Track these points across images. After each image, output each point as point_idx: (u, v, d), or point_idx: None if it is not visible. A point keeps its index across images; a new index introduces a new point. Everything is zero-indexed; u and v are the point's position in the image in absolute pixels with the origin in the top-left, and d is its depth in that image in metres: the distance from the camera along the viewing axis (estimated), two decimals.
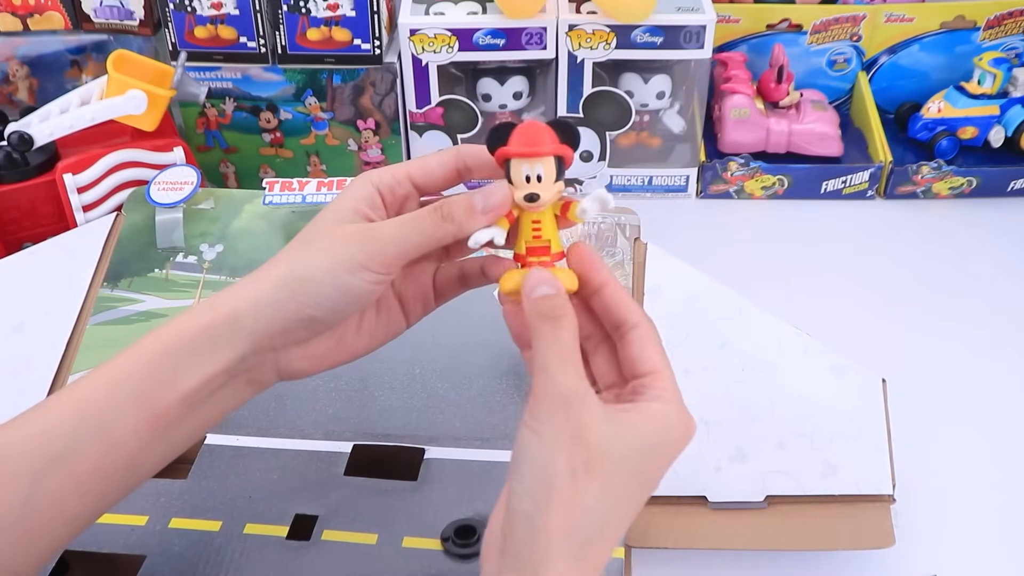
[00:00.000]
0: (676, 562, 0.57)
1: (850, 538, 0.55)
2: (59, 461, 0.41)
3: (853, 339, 0.68)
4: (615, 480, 0.39)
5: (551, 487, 0.38)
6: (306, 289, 0.43)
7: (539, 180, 0.42)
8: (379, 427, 0.61)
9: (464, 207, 0.43)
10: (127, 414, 0.42)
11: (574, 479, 0.38)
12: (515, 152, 0.42)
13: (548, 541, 0.37)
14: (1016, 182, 0.89)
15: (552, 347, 0.40)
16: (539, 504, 0.38)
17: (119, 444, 0.42)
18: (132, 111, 0.78)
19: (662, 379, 0.42)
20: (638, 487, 0.40)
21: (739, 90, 0.91)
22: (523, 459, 0.39)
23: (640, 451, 0.40)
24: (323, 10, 0.84)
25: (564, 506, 0.38)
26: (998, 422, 0.68)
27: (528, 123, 0.43)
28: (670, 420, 0.41)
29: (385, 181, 0.45)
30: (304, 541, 0.54)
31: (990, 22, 0.93)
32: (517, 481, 0.39)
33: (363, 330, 0.48)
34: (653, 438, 0.40)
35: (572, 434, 0.38)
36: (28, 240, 0.79)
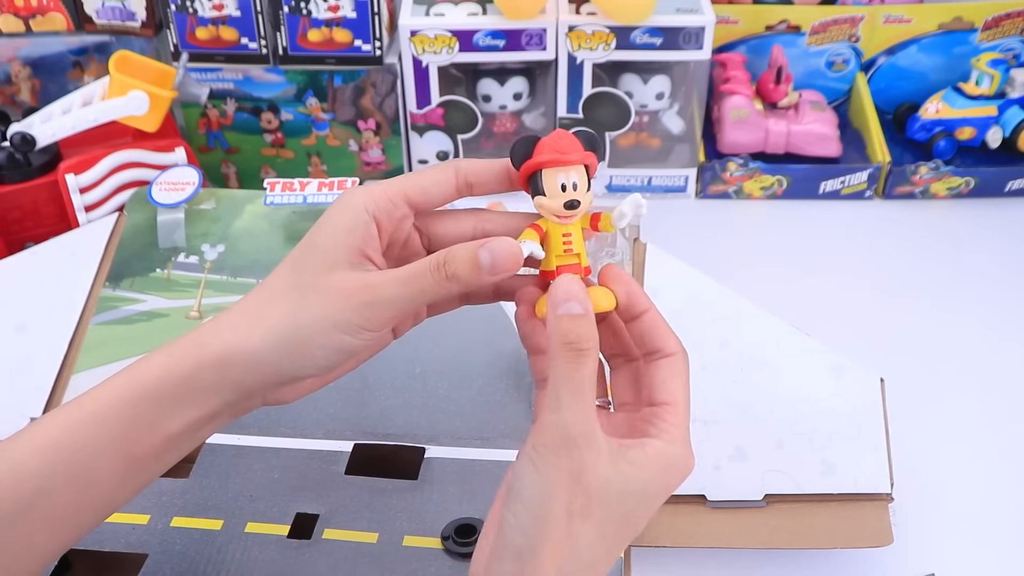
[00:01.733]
0: (675, 561, 0.57)
1: (848, 537, 0.56)
2: (32, 503, 0.40)
3: (852, 339, 0.68)
4: (610, 523, 0.38)
5: (545, 526, 0.37)
6: (303, 351, 0.41)
7: (575, 188, 0.42)
8: (380, 426, 0.62)
9: (469, 266, 0.40)
10: (104, 456, 0.41)
11: (569, 522, 0.37)
12: (549, 161, 0.42)
13: None
14: (1014, 182, 0.90)
15: (569, 382, 0.38)
16: (531, 541, 0.37)
17: (95, 483, 0.41)
18: (134, 112, 0.78)
19: (675, 413, 0.41)
20: (628, 527, 0.40)
21: (738, 91, 0.91)
22: (519, 491, 0.38)
23: (637, 496, 0.39)
24: (324, 11, 0.84)
25: (556, 547, 0.37)
26: (996, 421, 0.68)
27: (556, 133, 0.42)
28: (672, 461, 0.40)
29: (381, 207, 0.42)
30: (305, 540, 0.55)
31: (988, 23, 0.93)
32: (512, 513, 0.38)
33: None
34: (651, 484, 0.39)
35: (573, 476, 0.37)
36: (30, 240, 0.79)
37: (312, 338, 0.41)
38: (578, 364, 0.38)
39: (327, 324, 0.41)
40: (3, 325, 0.68)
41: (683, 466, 0.40)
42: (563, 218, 0.42)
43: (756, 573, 0.57)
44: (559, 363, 0.38)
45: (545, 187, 0.42)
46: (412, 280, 0.41)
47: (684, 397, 0.42)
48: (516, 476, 0.38)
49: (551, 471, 0.37)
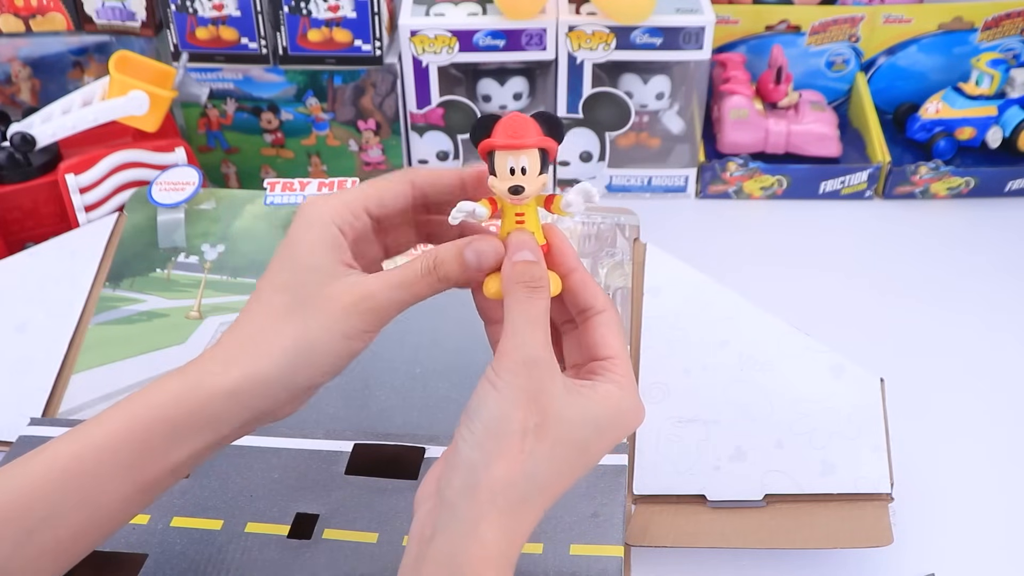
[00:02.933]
0: (675, 561, 0.57)
1: (848, 537, 0.56)
2: (40, 527, 0.41)
3: (851, 339, 0.68)
4: (562, 447, 0.40)
5: (500, 442, 0.39)
6: (316, 362, 0.43)
7: (523, 172, 0.42)
8: (380, 426, 0.62)
9: (458, 266, 0.43)
10: (114, 482, 0.42)
11: (523, 439, 0.39)
12: (499, 144, 0.42)
13: (487, 493, 0.39)
14: (1013, 182, 0.90)
15: (524, 313, 0.41)
16: (485, 456, 0.39)
17: (103, 508, 0.42)
18: (134, 112, 0.78)
19: (619, 364, 0.43)
20: (581, 460, 0.42)
21: (738, 91, 0.91)
22: (478, 411, 0.40)
23: (591, 425, 0.41)
24: (324, 11, 0.84)
25: (509, 462, 0.39)
26: (996, 421, 0.68)
27: (512, 115, 0.43)
28: (623, 403, 0.43)
29: (345, 219, 0.44)
30: (305, 540, 0.55)
31: (988, 23, 0.93)
32: (468, 431, 0.40)
33: None
34: (604, 417, 0.42)
35: (530, 395, 0.40)
36: (30, 240, 0.79)
37: (323, 351, 0.43)
38: (532, 299, 0.41)
39: (336, 334, 0.43)
40: (3, 325, 0.68)
41: (635, 411, 0.43)
42: (512, 199, 0.43)
43: (756, 573, 0.57)
44: (515, 300, 0.41)
45: (496, 168, 0.43)
46: (407, 284, 0.43)
47: (624, 349, 0.44)
48: (475, 396, 0.41)
49: (510, 390, 0.40)
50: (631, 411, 0.43)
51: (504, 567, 0.39)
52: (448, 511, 0.39)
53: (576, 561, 0.53)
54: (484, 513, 0.39)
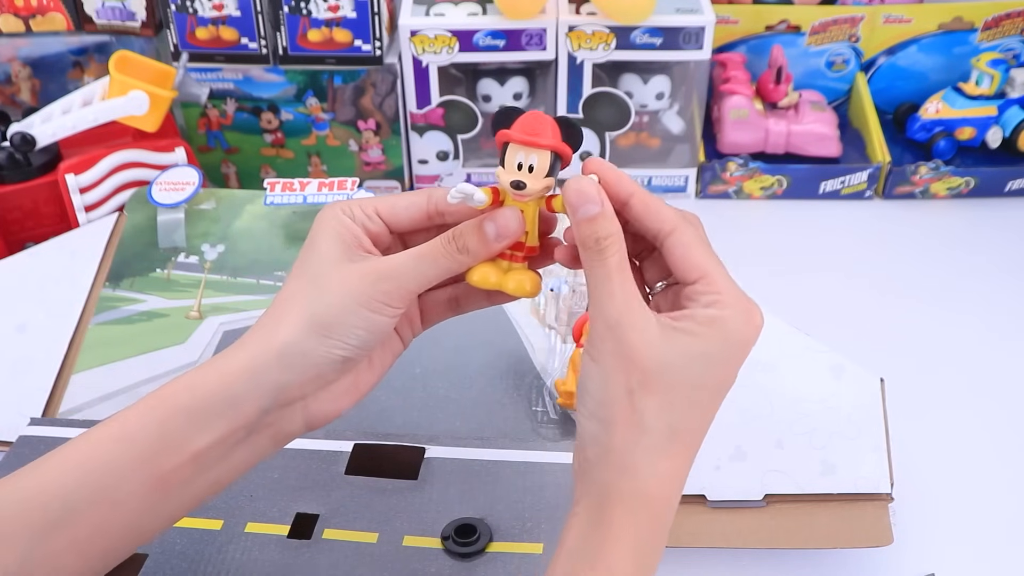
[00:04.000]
0: (675, 560, 0.57)
1: (848, 537, 0.56)
2: (57, 524, 0.40)
3: (851, 339, 0.68)
4: (675, 393, 0.40)
5: (610, 409, 0.39)
6: (335, 332, 0.42)
7: (530, 170, 0.42)
8: (380, 426, 0.62)
9: (478, 238, 0.43)
10: (131, 475, 0.41)
11: (631, 398, 0.39)
12: (514, 138, 0.42)
13: (615, 457, 0.39)
14: (1013, 182, 0.90)
15: (598, 276, 0.40)
16: (602, 425, 0.40)
17: (121, 505, 0.41)
18: (134, 112, 0.78)
19: (713, 281, 0.41)
20: (704, 395, 0.41)
21: (738, 91, 0.91)
22: (585, 386, 0.41)
23: (698, 360, 0.40)
24: (324, 11, 0.84)
25: (624, 424, 0.39)
26: (996, 421, 0.68)
27: (535, 113, 0.43)
28: (727, 324, 0.40)
29: (359, 216, 0.44)
30: (305, 540, 0.55)
31: (988, 23, 0.93)
32: (583, 406, 0.41)
33: (374, 363, 0.47)
34: (710, 346, 0.40)
35: (624, 356, 0.39)
36: (30, 240, 0.79)
37: (338, 318, 0.42)
38: (603, 257, 0.40)
39: (350, 302, 0.42)
40: (3, 325, 0.68)
41: (746, 321, 0.41)
42: (515, 195, 0.43)
43: (756, 573, 0.57)
44: (588, 264, 0.41)
45: (506, 160, 0.43)
46: (426, 255, 0.43)
47: (712, 262, 0.41)
48: (581, 375, 0.41)
49: (605, 357, 0.40)
50: (741, 325, 0.40)
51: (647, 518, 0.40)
52: (585, 479, 0.40)
53: None
54: (622, 471, 0.39)
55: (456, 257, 0.43)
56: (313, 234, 0.44)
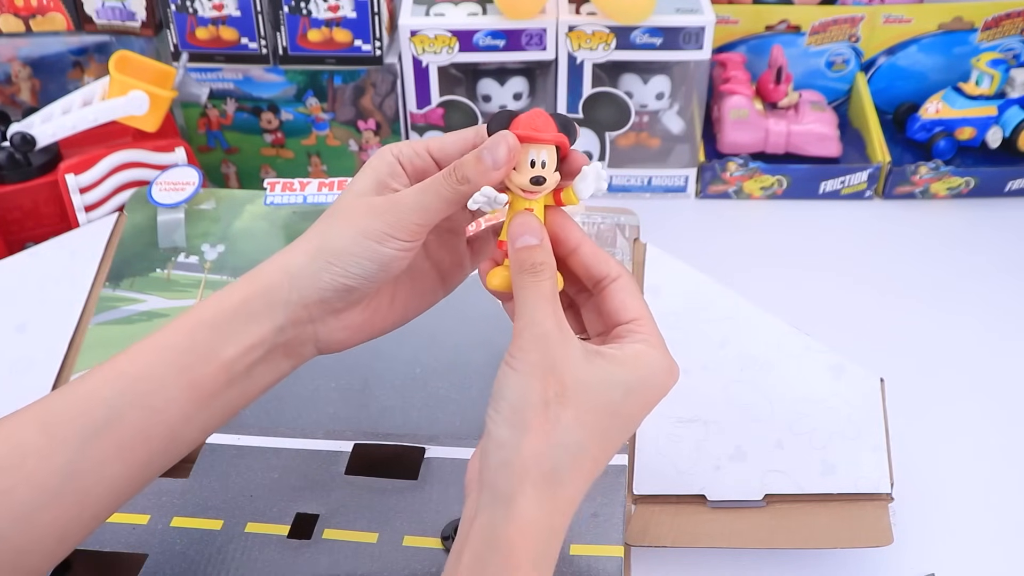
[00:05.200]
0: (675, 561, 0.57)
1: (848, 537, 0.56)
2: (103, 428, 0.42)
3: (851, 339, 0.68)
4: (589, 412, 0.41)
5: (524, 415, 0.40)
6: (338, 260, 0.44)
7: (543, 166, 0.43)
8: (380, 426, 0.62)
9: (475, 167, 0.43)
10: (167, 383, 0.43)
11: (547, 408, 0.40)
12: (523, 137, 0.43)
13: (520, 467, 0.40)
14: (1013, 182, 0.90)
15: (532, 292, 0.42)
16: (514, 432, 0.40)
17: (160, 412, 0.43)
18: (134, 112, 0.78)
19: (645, 324, 0.44)
20: (614, 424, 0.42)
21: (738, 91, 0.91)
22: (501, 392, 0.41)
23: (617, 387, 0.41)
24: (324, 11, 0.84)
25: (536, 433, 0.40)
26: (996, 421, 0.68)
27: (535, 111, 0.44)
28: (652, 361, 0.43)
29: (405, 153, 0.46)
30: (305, 540, 0.55)
31: (988, 23, 0.93)
32: (495, 411, 0.41)
33: (397, 301, 0.49)
34: (631, 376, 0.42)
35: (547, 367, 0.40)
36: (30, 240, 0.79)
37: (344, 246, 0.44)
38: (537, 280, 0.42)
39: (355, 231, 0.44)
40: (3, 325, 0.68)
41: (666, 369, 0.43)
42: (528, 193, 0.44)
43: (756, 573, 0.57)
44: (522, 284, 0.42)
45: (520, 161, 0.44)
46: (428, 187, 0.44)
47: (646, 310, 0.45)
48: (497, 381, 0.41)
49: (526, 366, 0.41)
50: (663, 370, 0.43)
51: (544, 536, 0.40)
52: (488, 490, 0.40)
53: (576, 561, 0.53)
54: (520, 486, 0.39)
55: (456, 188, 0.44)
56: (359, 171, 0.47)
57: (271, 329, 0.44)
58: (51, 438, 0.41)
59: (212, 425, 0.45)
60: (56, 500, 0.41)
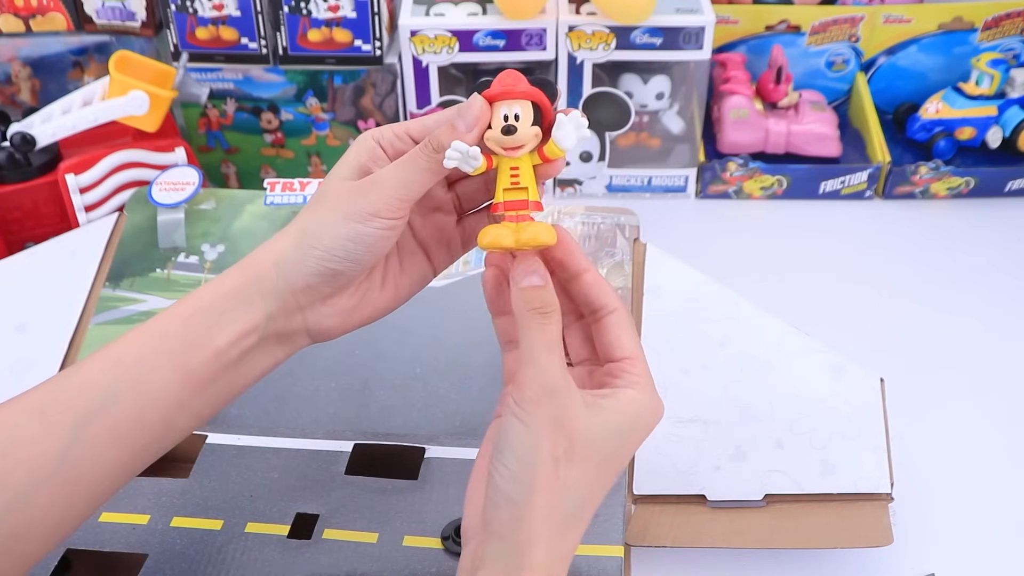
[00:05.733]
0: (675, 560, 0.57)
1: (848, 537, 0.56)
2: (98, 413, 0.42)
3: (851, 339, 0.68)
4: (592, 466, 0.42)
5: (535, 472, 0.40)
6: (320, 243, 0.44)
7: (516, 119, 0.44)
8: (380, 426, 0.62)
9: (447, 132, 0.44)
10: (162, 369, 0.43)
11: (556, 466, 0.41)
12: (493, 94, 0.44)
13: (532, 523, 0.40)
14: (1013, 182, 0.90)
15: (539, 340, 0.42)
16: (524, 488, 0.40)
17: (155, 398, 0.43)
18: (134, 112, 0.78)
19: (636, 364, 0.45)
20: (611, 470, 0.43)
21: (738, 91, 0.91)
22: (508, 444, 0.41)
23: (613, 437, 0.43)
24: (324, 11, 0.84)
25: (547, 491, 0.40)
26: (996, 421, 0.68)
27: (508, 71, 0.45)
28: (643, 407, 0.44)
29: (385, 136, 0.47)
30: (305, 540, 0.55)
31: (988, 23, 0.93)
32: (503, 465, 0.41)
33: (387, 283, 0.49)
34: (625, 423, 0.43)
35: (555, 423, 0.41)
36: (30, 240, 0.79)
37: (326, 229, 0.44)
38: (544, 325, 0.42)
39: (337, 215, 0.44)
40: (3, 325, 0.68)
41: (654, 410, 0.44)
42: (508, 150, 0.44)
43: (756, 573, 0.57)
44: (529, 326, 0.42)
45: (492, 119, 0.44)
46: (406, 161, 0.45)
47: (638, 348, 0.46)
48: (503, 431, 0.41)
49: (535, 421, 0.41)
50: (650, 412, 0.44)
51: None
52: (497, 541, 0.41)
53: (576, 561, 0.53)
54: (533, 541, 0.40)
55: (433, 156, 0.44)
56: (342, 156, 0.47)
57: (262, 317, 0.45)
58: (46, 424, 0.41)
59: (206, 412, 0.45)
60: (51, 485, 0.41)
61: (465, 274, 0.70)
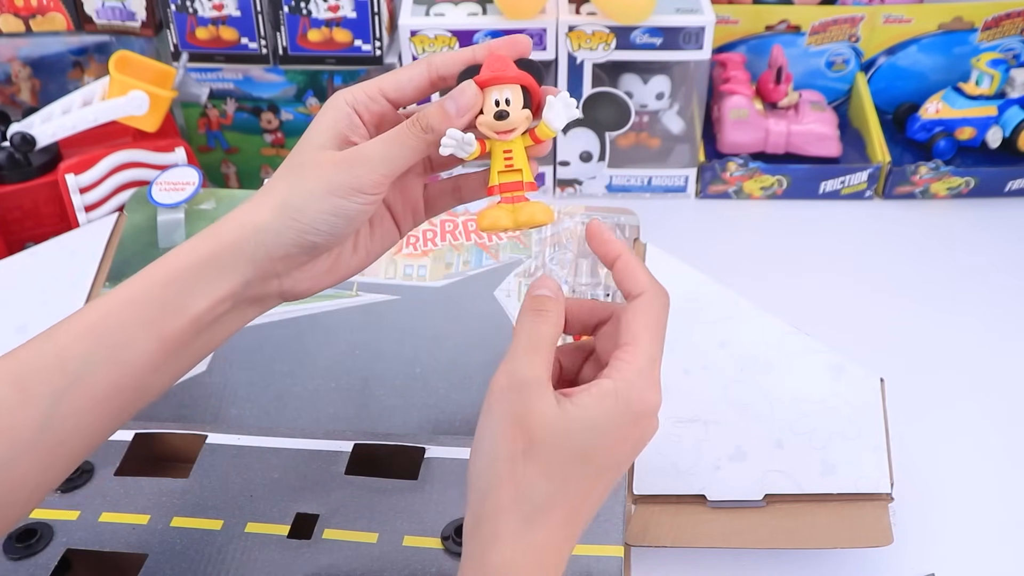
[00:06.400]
0: (675, 560, 0.57)
1: (848, 537, 0.56)
2: (76, 383, 0.42)
3: (851, 339, 0.68)
4: (557, 463, 0.41)
5: (495, 469, 0.41)
6: (303, 217, 0.44)
7: (507, 103, 0.44)
8: (380, 426, 0.62)
9: (439, 115, 0.44)
10: (139, 337, 0.43)
11: (513, 465, 0.41)
12: (484, 79, 0.44)
13: (498, 517, 0.41)
14: (1013, 182, 0.90)
15: (526, 335, 0.43)
16: (487, 484, 0.41)
17: (131, 365, 0.43)
18: (134, 112, 0.78)
19: (632, 351, 0.43)
20: (587, 467, 0.42)
21: (738, 91, 0.91)
22: (479, 436, 0.42)
23: (587, 432, 0.41)
24: (324, 11, 0.84)
25: (505, 488, 0.41)
26: (996, 421, 0.68)
27: (494, 55, 0.45)
28: (622, 394, 0.42)
29: (360, 100, 0.46)
30: (305, 540, 0.55)
31: (988, 23, 0.93)
32: (476, 456, 0.43)
33: (359, 247, 0.49)
34: (603, 418, 0.42)
35: (516, 419, 0.41)
36: (30, 240, 0.79)
37: (309, 203, 0.44)
38: (537, 322, 0.43)
39: (320, 189, 0.44)
40: (3, 325, 0.68)
41: (637, 397, 0.42)
42: (500, 134, 0.45)
43: (756, 573, 0.57)
44: (521, 321, 0.44)
45: (484, 104, 0.45)
46: (393, 138, 0.44)
47: (647, 334, 0.44)
48: (479, 421, 0.43)
49: (498, 415, 0.41)
50: (637, 400, 0.42)
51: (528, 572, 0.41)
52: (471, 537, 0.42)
53: (576, 561, 0.53)
54: (498, 536, 0.41)
55: (422, 136, 0.44)
56: (313, 122, 0.46)
57: (239, 283, 0.45)
58: (25, 393, 0.41)
59: (179, 373, 0.46)
60: (31, 453, 0.41)
61: (465, 274, 0.70)
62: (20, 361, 0.43)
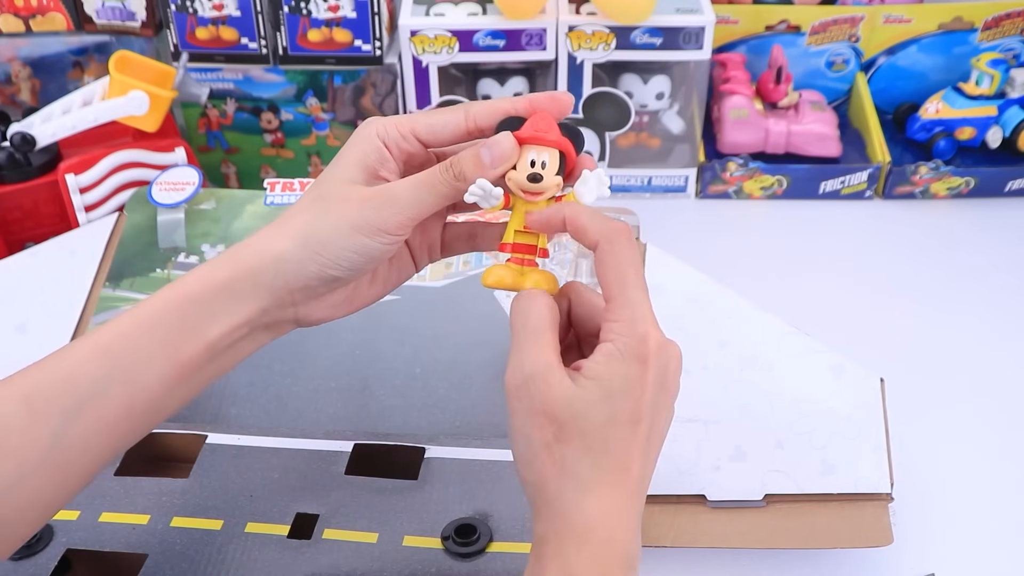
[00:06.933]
0: (675, 560, 0.57)
1: (848, 536, 0.56)
2: (87, 404, 0.42)
3: (851, 339, 0.68)
4: (589, 435, 0.41)
5: (536, 463, 0.41)
6: (326, 252, 0.44)
7: (543, 167, 0.44)
8: (380, 426, 0.62)
9: (473, 164, 0.43)
10: (154, 360, 0.43)
11: (550, 452, 0.41)
12: (524, 137, 0.44)
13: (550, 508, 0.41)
14: (1013, 182, 0.90)
15: (519, 329, 0.43)
16: (534, 475, 0.41)
17: (145, 388, 0.43)
18: (134, 112, 0.78)
19: (614, 310, 0.42)
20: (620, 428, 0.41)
21: (738, 91, 0.91)
22: (515, 450, 0.42)
23: (602, 402, 0.41)
24: (324, 11, 0.84)
25: (551, 475, 0.41)
26: (996, 421, 0.68)
27: (541, 114, 0.44)
28: (624, 355, 0.41)
29: (391, 136, 0.46)
30: (305, 540, 0.55)
31: (988, 23, 0.93)
32: (517, 458, 0.42)
33: (377, 280, 0.49)
34: (611, 382, 0.41)
35: (538, 410, 0.41)
36: (30, 240, 0.79)
37: (333, 239, 0.44)
38: (525, 313, 0.43)
39: (347, 225, 0.43)
40: (3, 325, 0.68)
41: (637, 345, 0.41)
42: (528, 195, 0.44)
43: (756, 573, 0.57)
44: (514, 310, 0.43)
45: (519, 161, 0.44)
46: (424, 182, 0.44)
47: (618, 284, 0.42)
48: (508, 422, 0.42)
49: (522, 414, 0.41)
50: (639, 346, 0.41)
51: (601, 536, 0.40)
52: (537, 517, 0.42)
53: None
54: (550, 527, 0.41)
55: (453, 184, 0.44)
56: (342, 151, 0.46)
57: (256, 310, 0.44)
58: (34, 413, 0.41)
59: (189, 397, 0.45)
60: (39, 473, 0.41)
61: (465, 274, 0.70)
62: (31, 380, 0.43)
